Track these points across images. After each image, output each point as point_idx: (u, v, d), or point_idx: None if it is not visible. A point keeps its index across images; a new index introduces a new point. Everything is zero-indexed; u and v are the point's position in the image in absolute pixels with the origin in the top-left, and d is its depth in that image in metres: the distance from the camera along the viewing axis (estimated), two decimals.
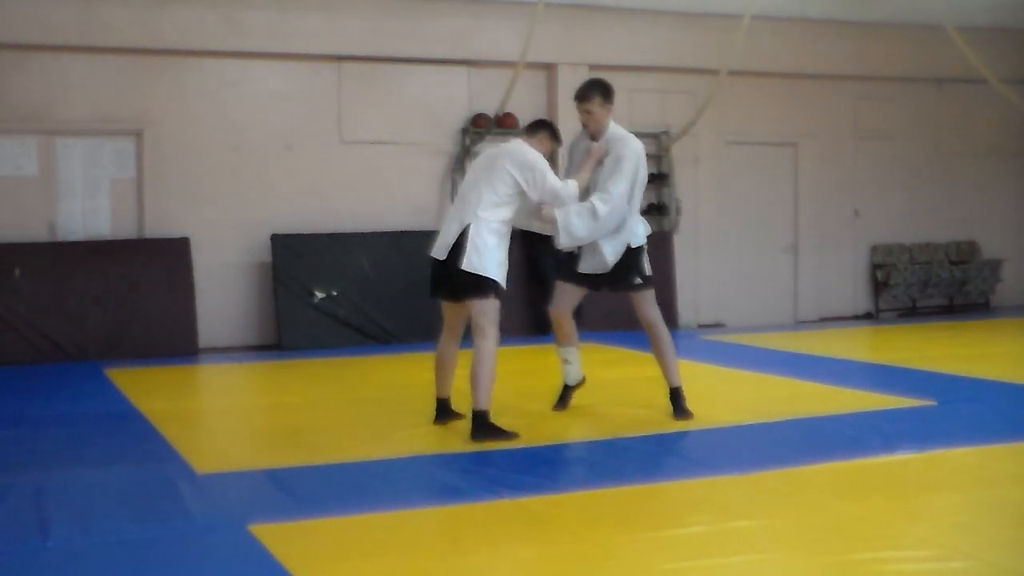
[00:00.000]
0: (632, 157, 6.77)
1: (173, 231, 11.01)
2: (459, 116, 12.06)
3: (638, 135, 12.98)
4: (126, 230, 11.02)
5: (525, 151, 6.52)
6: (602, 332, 11.64)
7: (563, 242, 6.75)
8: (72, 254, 10.56)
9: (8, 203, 10.63)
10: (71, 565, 4.18)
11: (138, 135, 11.04)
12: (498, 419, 6.38)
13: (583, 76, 12.37)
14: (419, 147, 11.93)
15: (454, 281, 6.41)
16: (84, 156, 10.90)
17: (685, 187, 13.01)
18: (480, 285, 6.36)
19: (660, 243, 12.74)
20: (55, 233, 10.79)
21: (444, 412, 6.85)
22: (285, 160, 11.50)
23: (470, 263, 6.32)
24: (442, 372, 6.81)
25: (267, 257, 11.19)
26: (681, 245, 12.88)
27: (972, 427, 6.57)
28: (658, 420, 6.96)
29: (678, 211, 12.89)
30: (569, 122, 12.33)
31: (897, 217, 14.22)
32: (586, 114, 6.85)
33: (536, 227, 6.97)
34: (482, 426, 6.29)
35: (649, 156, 12.85)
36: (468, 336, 6.62)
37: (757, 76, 13.17)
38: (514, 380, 8.40)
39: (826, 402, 7.49)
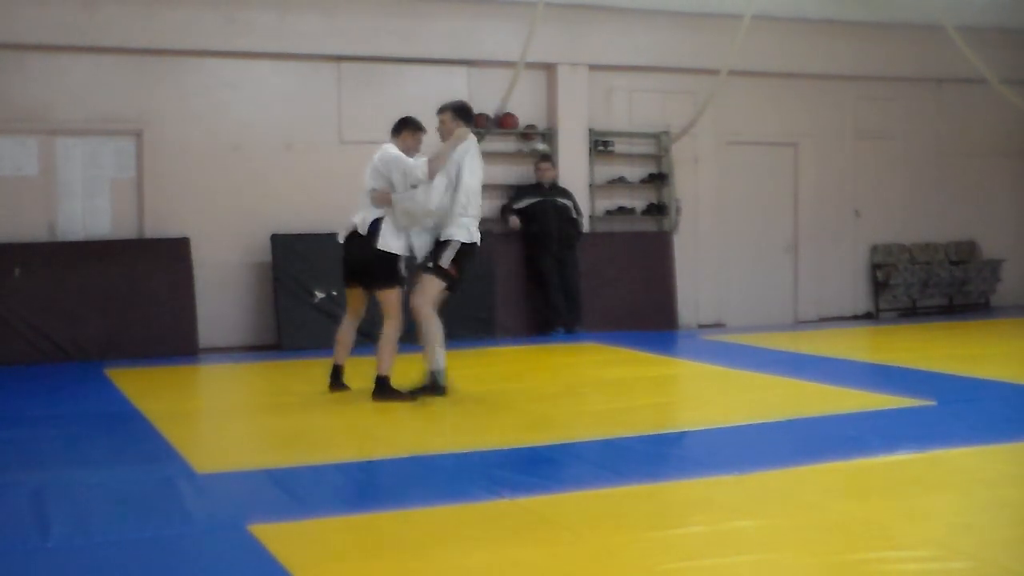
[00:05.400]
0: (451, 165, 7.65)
1: (173, 231, 11.01)
2: None
3: (638, 135, 13.14)
4: (126, 230, 11.02)
5: (388, 149, 7.79)
6: (602, 332, 11.65)
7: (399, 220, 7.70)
8: (72, 254, 10.56)
9: (8, 203, 10.63)
10: (71, 565, 4.18)
11: (138, 135, 11.04)
12: (499, 417, 6.37)
13: (583, 76, 12.50)
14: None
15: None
16: (84, 156, 10.90)
17: (685, 187, 13.01)
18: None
19: (660, 243, 12.76)
20: (55, 233, 10.79)
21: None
22: (285, 160, 11.50)
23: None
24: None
25: (267, 257, 11.19)
26: (681, 245, 12.88)
27: (972, 427, 6.56)
28: (658, 420, 6.96)
29: (678, 211, 12.90)
30: (570, 121, 12.40)
31: (897, 217, 14.23)
32: (441, 123, 7.91)
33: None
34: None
35: (649, 156, 13.00)
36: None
37: (757, 76, 13.17)
38: (516, 379, 8.41)
39: (826, 402, 7.48)
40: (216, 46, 11.16)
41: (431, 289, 7.62)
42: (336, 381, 8.04)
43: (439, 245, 7.62)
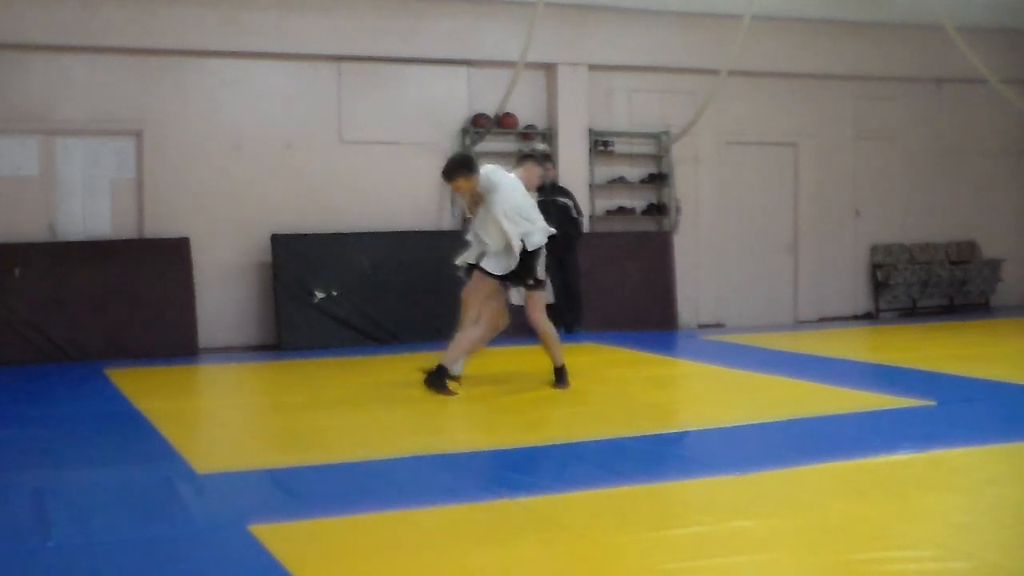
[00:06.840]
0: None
1: (173, 231, 11.01)
2: (459, 116, 12.06)
3: (638, 135, 13.13)
4: (126, 230, 11.02)
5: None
6: (602, 332, 11.65)
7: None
8: (72, 254, 10.56)
9: (8, 203, 10.63)
10: (71, 565, 4.18)
11: (138, 135, 11.04)
12: (499, 417, 6.37)
13: (583, 76, 12.50)
14: (419, 147, 11.92)
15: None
16: (84, 156, 10.90)
17: (685, 187, 13.01)
18: None
19: (660, 243, 12.76)
20: (55, 233, 10.79)
21: None
22: (285, 160, 11.50)
23: None
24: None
25: (267, 257, 11.19)
26: (681, 245, 12.88)
27: (972, 427, 6.56)
28: (658, 420, 6.96)
29: (678, 211, 12.90)
30: (570, 121, 12.40)
31: (897, 217, 14.22)
32: (457, 189, 8.22)
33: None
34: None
35: (649, 156, 13.00)
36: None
37: (757, 76, 13.17)
38: (516, 379, 8.40)
39: (826, 402, 7.48)
40: (216, 46, 11.16)
41: (541, 301, 8.15)
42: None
43: (523, 262, 7.84)
